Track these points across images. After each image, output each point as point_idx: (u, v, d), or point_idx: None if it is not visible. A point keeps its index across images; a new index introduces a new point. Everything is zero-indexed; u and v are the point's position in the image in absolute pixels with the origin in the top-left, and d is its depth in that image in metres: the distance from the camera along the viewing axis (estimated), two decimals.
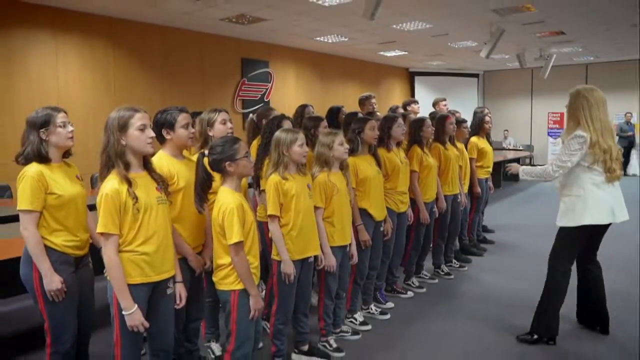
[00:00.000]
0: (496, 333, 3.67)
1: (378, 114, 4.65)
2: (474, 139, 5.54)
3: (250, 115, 4.45)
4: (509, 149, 14.03)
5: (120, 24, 7.54)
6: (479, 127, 5.60)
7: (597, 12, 7.75)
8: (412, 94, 14.08)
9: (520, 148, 14.52)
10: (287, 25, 8.41)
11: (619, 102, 13.52)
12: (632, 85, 13.43)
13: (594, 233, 3.38)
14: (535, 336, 3.47)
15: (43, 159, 2.48)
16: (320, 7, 7.12)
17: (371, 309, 3.90)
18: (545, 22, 8.31)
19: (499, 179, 10.23)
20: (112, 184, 2.14)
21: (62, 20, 6.83)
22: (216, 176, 2.47)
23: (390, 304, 4.09)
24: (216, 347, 3.21)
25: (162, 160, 2.54)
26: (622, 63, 13.39)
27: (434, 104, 6.34)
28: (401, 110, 5.17)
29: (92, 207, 2.33)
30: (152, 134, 2.25)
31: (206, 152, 2.42)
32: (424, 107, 6.21)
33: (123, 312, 2.13)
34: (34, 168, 2.43)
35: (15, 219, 2.47)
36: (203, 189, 2.40)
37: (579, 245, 3.41)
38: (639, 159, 13.18)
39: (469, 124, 5.55)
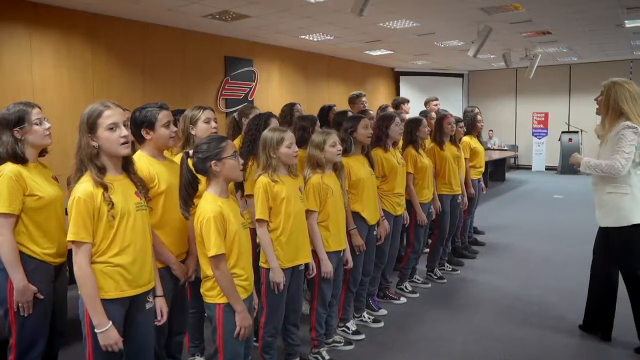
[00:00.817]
0: (494, 338, 3.53)
1: (370, 112, 4.50)
2: (466, 138, 5.41)
3: (233, 115, 4.25)
4: (494, 149, 14.01)
5: (99, 20, 7.25)
6: (471, 126, 5.48)
7: (584, 12, 7.71)
8: (397, 94, 13.97)
9: (505, 148, 14.52)
10: (271, 23, 8.20)
11: None
12: None
13: None
14: None
15: (19, 159, 2.28)
16: (305, 4, 6.93)
17: (364, 317, 3.73)
18: (533, 21, 8.23)
19: (486, 179, 10.15)
20: (85, 186, 1.91)
21: (38, 15, 6.53)
22: (203, 180, 2.27)
23: (383, 311, 3.93)
24: None
25: (142, 161, 2.33)
26: (606, 64, 13.44)
27: (426, 104, 6.21)
28: (391, 109, 5.02)
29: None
30: (125, 133, 1.99)
31: (191, 152, 2.22)
32: (410, 107, 6.08)
33: (96, 330, 1.90)
34: (11, 167, 2.23)
35: None
36: (188, 192, 2.19)
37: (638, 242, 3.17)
38: None
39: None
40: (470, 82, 15.86)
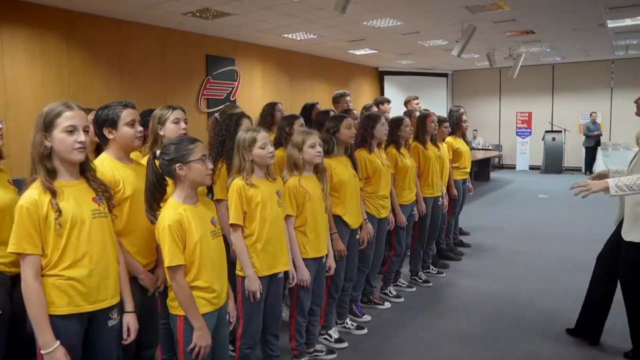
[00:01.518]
0: (481, 344, 3.43)
1: (354, 111, 4.38)
2: (449, 139, 5.31)
3: (215, 115, 4.11)
4: (478, 149, 14.00)
5: (75, 17, 7.02)
6: (456, 126, 5.38)
7: (567, 11, 7.68)
8: (382, 94, 13.89)
9: (490, 148, 14.52)
10: (253, 21, 8.05)
11: (584, 102, 13.68)
12: (597, 85, 13.58)
13: None
14: None
15: None
16: (288, 2, 6.79)
17: (347, 324, 3.59)
18: (517, 20, 8.19)
19: (472, 179, 10.09)
20: (31, 193, 1.75)
21: (9, 11, 6.30)
22: (172, 182, 2.12)
23: (367, 317, 3.79)
24: None
25: (105, 164, 2.18)
26: (588, 64, 13.51)
27: (406, 103, 6.10)
28: (375, 109, 4.90)
29: None
30: (82, 139, 1.82)
31: (158, 152, 2.07)
32: (393, 107, 5.97)
33: (42, 351, 1.74)
34: None
35: None
36: (154, 195, 2.04)
37: None
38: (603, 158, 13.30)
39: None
40: (454, 82, 15.85)
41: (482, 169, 12.05)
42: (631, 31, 9.29)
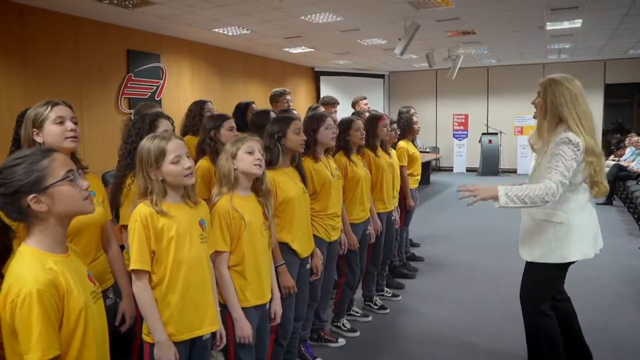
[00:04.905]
0: None
1: (294, 112, 3.74)
2: (402, 143, 4.79)
3: (130, 115, 3.34)
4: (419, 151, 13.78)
5: None
6: (407, 129, 4.88)
7: (511, 11, 7.48)
8: (318, 94, 13.39)
9: (427, 150, 14.36)
10: (179, 12, 7.24)
11: (519, 104, 13.79)
12: (530, 88, 13.62)
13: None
14: None
15: None
16: None
17: None
18: (461, 19, 7.90)
19: None
20: None
21: None
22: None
23: None
24: None
25: None
26: (521, 67, 13.63)
27: (354, 104, 5.58)
28: (322, 109, 4.29)
29: None
30: None
31: None
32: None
33: None
34: None
35: None
36: None
37: (560, 281, 2.74)
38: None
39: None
40: (391, 83, 15.61)
41: (422, 172, 11.78)
42: (566, 34, 9.32)
